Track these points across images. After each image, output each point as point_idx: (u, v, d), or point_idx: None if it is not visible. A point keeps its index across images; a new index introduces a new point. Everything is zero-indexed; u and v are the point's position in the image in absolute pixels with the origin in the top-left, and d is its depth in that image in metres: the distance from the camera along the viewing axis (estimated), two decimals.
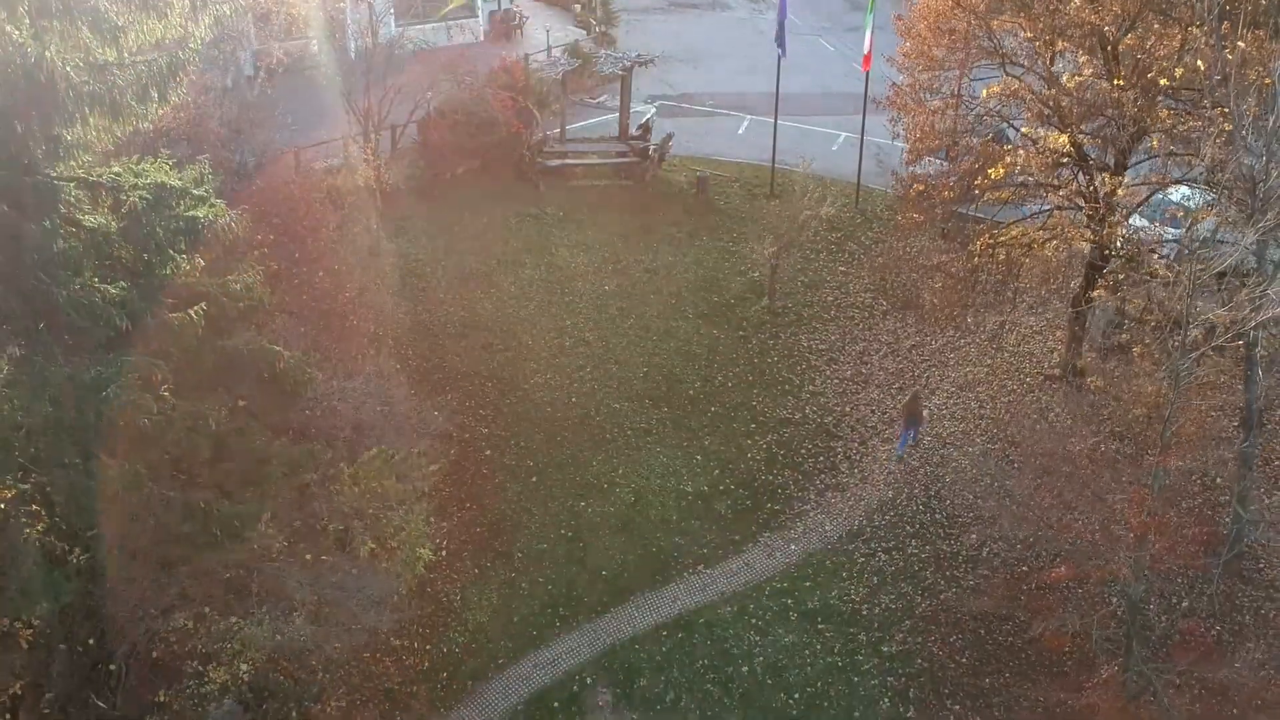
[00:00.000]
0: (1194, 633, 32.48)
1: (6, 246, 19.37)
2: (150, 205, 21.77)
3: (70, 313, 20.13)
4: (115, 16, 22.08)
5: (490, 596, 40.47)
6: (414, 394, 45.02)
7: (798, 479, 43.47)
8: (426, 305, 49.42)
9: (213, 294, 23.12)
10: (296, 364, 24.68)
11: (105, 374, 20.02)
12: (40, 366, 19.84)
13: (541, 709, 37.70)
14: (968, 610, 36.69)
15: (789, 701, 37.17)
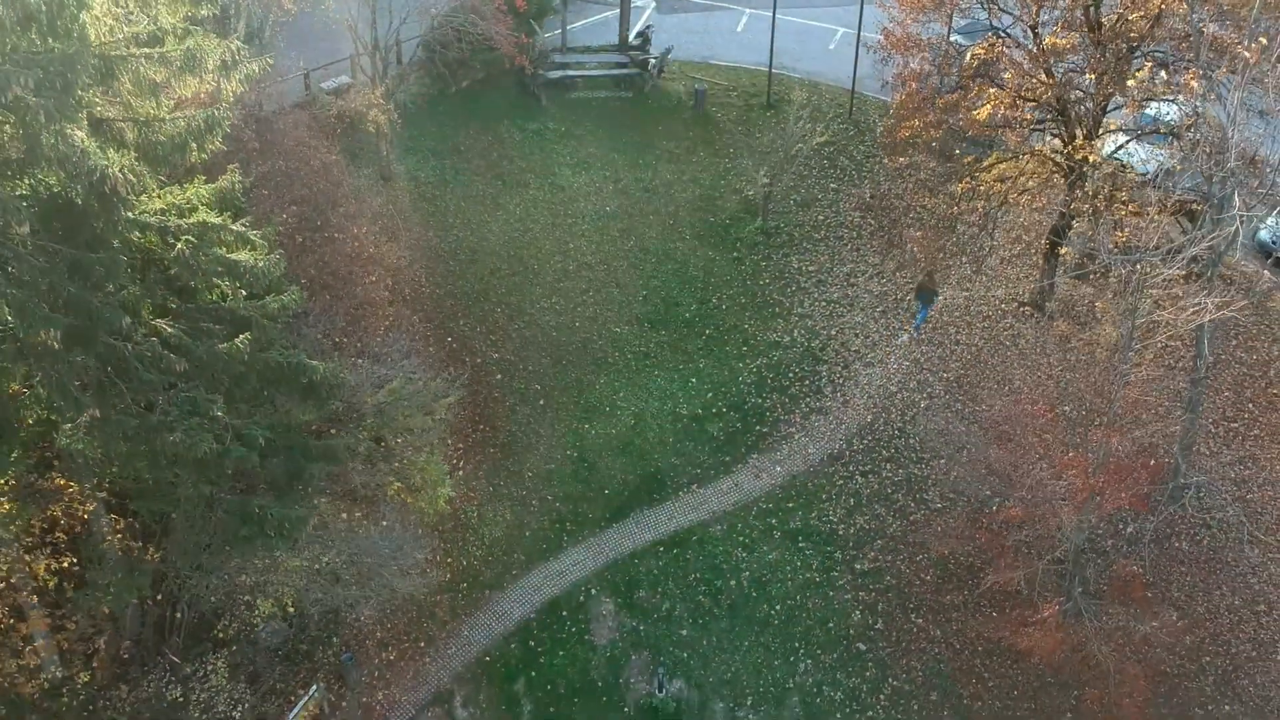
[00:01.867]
0: (1128, 574, 36.57)
1: (81, 318, 22.22)
2: (196, 249, 24.49)
3: (137, 365, 23.15)
4: (154, 75, 24.33)
5: (504, 514, 44.64)
6: (429, 323, 48.29)
7: (784, 402, 47.02)
8: (437, 230, 51.84)
9: (254, 319, 25.98)
10: (329, 373, 27.68)
11: (168, 419, 23.21)
12: (116, 421, 23.07)
13: (552, 616, 42.38)
14: (933, 545, 40.60)
15: (771, 612, 41.78)
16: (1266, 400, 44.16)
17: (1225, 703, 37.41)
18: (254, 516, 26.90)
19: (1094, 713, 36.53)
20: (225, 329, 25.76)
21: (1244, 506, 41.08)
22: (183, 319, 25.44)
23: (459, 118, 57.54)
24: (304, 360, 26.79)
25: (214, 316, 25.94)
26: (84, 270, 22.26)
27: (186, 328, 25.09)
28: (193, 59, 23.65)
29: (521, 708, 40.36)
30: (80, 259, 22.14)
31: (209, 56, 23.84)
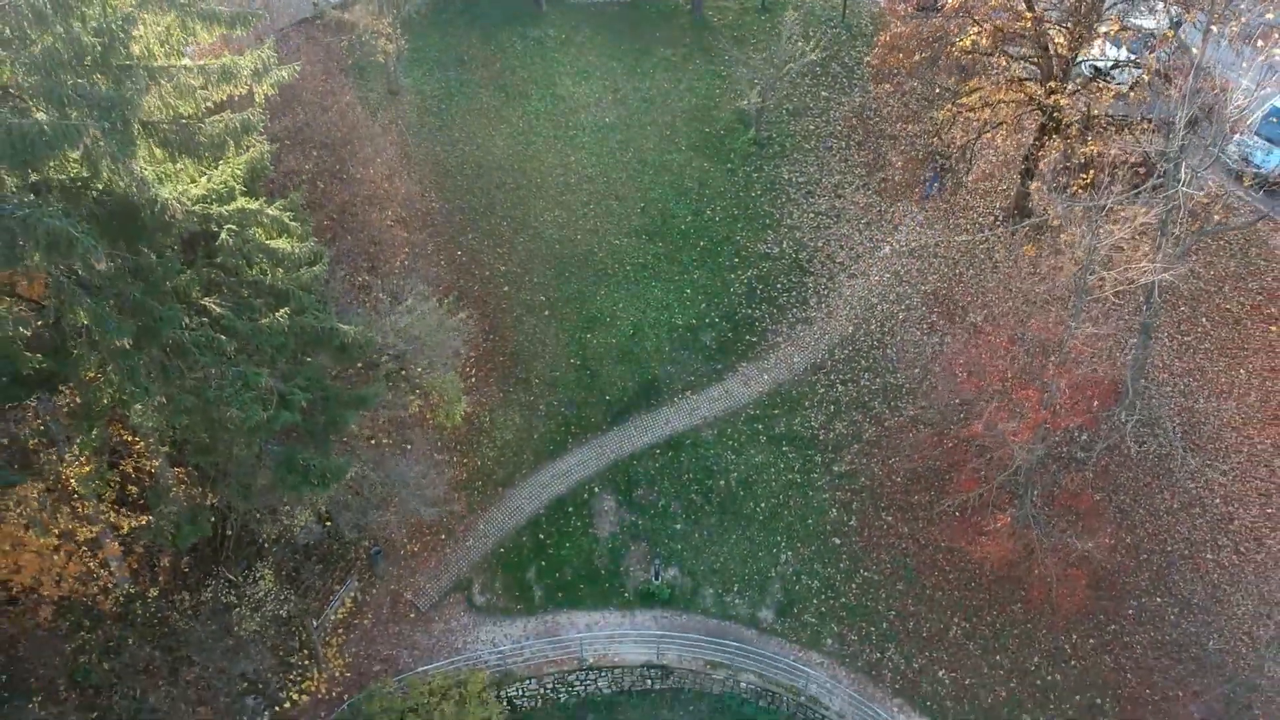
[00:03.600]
0: (1076, 485, 40.60)
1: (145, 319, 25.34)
2: (239, 235, 27.49)
3: (193, 349, 26.41)
4: (193, 82, 26.95)
5: (514, 417, 48.52)
6: (439, 238, 51.12)
7: (773, 313, 50.30)
8: (444, 145, 54.05)
9: (291, 290, 29.04)
10: (358, 335, 30.86)
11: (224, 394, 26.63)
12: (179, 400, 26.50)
13: (559, 511, 46.78)
14: (904, 452, 44.50)
15: (757, 509, 46.14)
16: (1219, 315, 47.37)
17: (1157, 595, 42.03)
18: (299, 467, 30.74)
19: (1040, 601, 41.23)
20: (265, 301, 28.99)
21: (1189, 416, 44.89)
22: (227, 293, 28.67)
23: (462, 27, 58.93)
24: (337, 325, 30.05)
25: (255, 290, 29.14)
26: (145, 272, 25.40)
27: (231, 303, 28.34)
28: (229, 72, 26.26)
29: (533, 593, 45.19)
30: (141, 263, 25.26)
31: (243, 70, 26.45)
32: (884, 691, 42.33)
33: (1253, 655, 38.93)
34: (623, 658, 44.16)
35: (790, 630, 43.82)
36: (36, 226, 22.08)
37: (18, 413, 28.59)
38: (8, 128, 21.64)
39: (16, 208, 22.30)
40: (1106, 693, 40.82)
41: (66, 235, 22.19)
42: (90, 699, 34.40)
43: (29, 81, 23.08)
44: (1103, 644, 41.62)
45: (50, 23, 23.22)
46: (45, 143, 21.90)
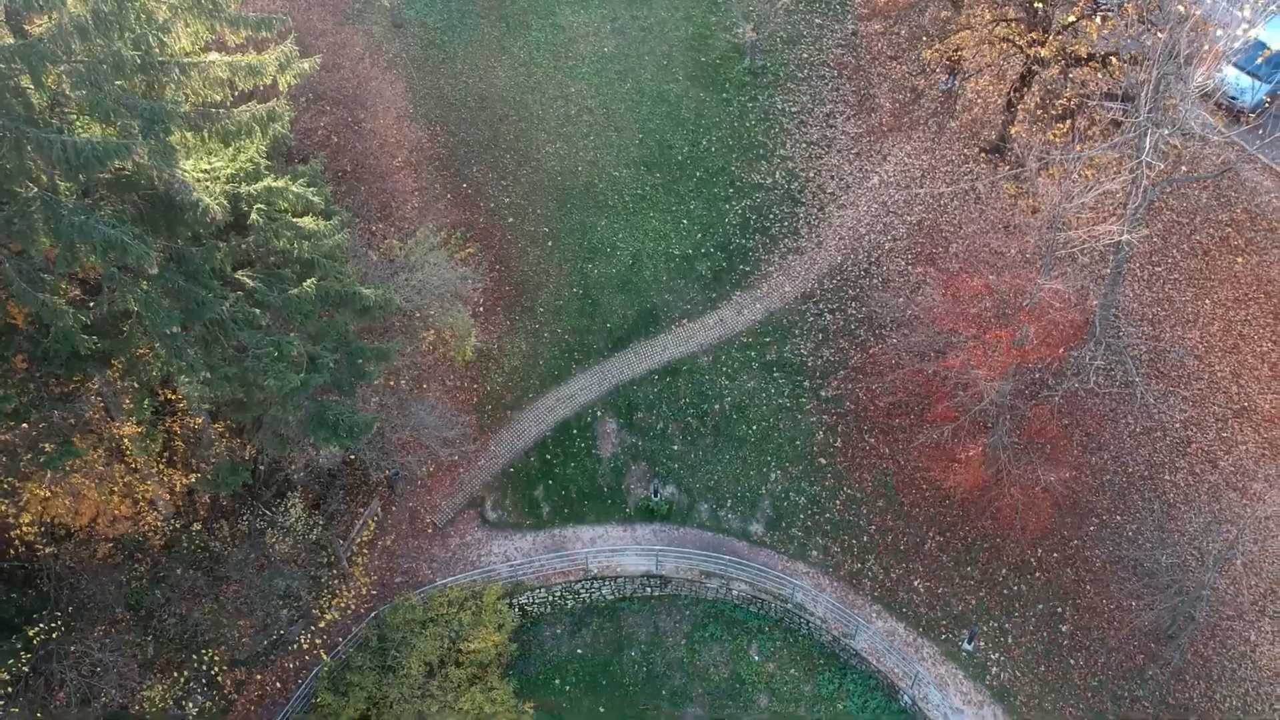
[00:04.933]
0: (1045, 415, 43.63)
1: (189, 303, 27.91)
2: (267, 214, 29.87)
3: (232, 324, 29.05)
4: (222, 74, 29.06)
5: (520, 345, 51.35)
6: (445, 171, 53.10)
7: (765, 243, 52.64)
8: (447, 77, 55.49)
9: (316, 259, 31.48)
10: (379, 298, 33.40)
11: (260, 364, 29.37)
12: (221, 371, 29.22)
13: (564, 434, 50.01)
14: (886, 387, 47.37)
15: (749, 432, 49.34)
16: (1189, 246, 49.76)
17: (1117, 514, 45.54)
18: (329, 422, 33.71)
19: (1008, 520, 44.72)
20: (293, 270, 31.54)
21: (1155, 345, 47.75)
22: (258, 264, 31.21)
23: None
24: (359, 290, 32.63)
25: (283, 259, 31.64)
26: (186, 260, 27.87)
27: (262, 275, 30.91)
28: (255, 69, 28.32)
29: (540, 509, 48.80)
30: (182, 251, 27.73)
31: (269, 66, 28.49)
32: (864, 599, 46.20)
33: (1200, 569, 42.46)
34: (624, 568, 47.99)
35: (779, 543, 47.47)
36: (93, 233, 24.56)
37: (79, 392, 31.52)
38: (63, 144, 23.93)
39: (73, 213, 24.73)
40: (1066, 602, 44.65)
41: (121, 242, 24.68)
42: (144, 620, 38.21)
43: (76, 94, 25.24)
44: (1065, 558, 45.29)
45: (92, 36, 25.28)
46: (97, 158, 24.22)
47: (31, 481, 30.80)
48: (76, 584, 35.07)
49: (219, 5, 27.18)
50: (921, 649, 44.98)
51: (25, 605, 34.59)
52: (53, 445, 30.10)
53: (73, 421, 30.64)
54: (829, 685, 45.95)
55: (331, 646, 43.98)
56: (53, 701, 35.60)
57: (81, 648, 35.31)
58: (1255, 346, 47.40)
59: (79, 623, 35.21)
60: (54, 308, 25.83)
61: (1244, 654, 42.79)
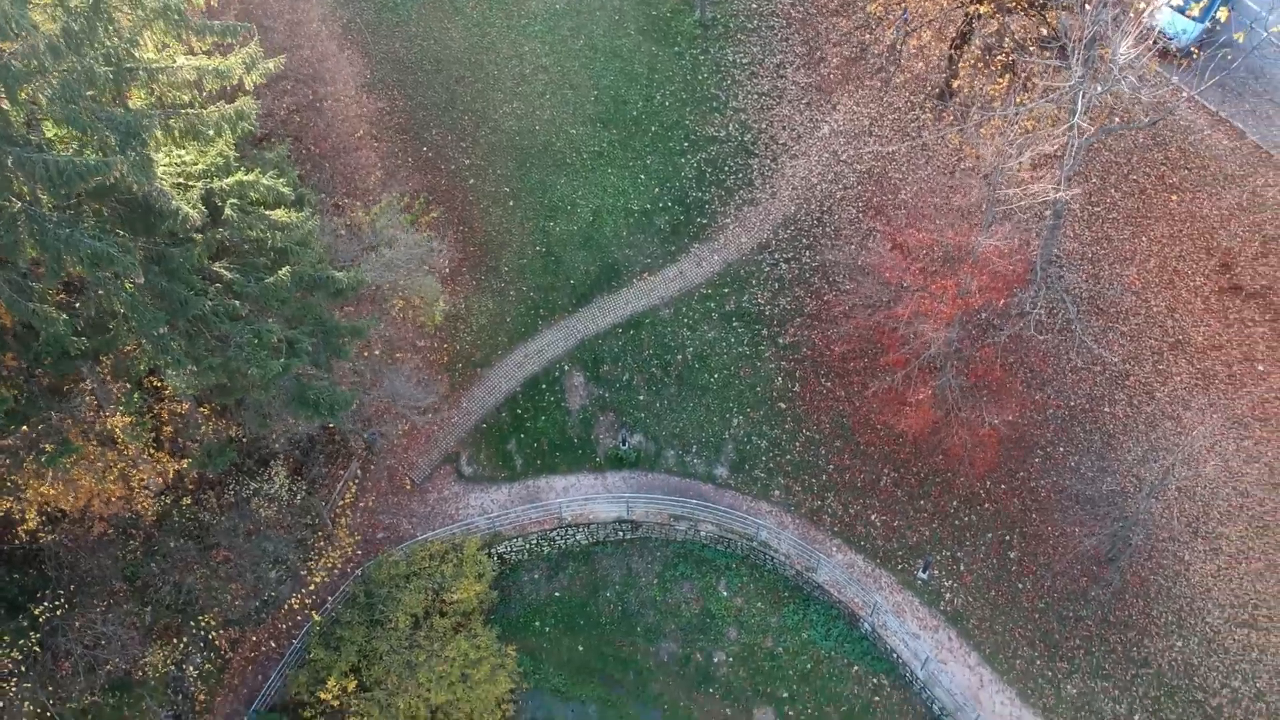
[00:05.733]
0: (989, 356, 45.84)
1: (173, 303, 29.16)
2: (241, 209, 31.08)
3: (213, 317, 30.39)
4: (189, 77, 30.08)
5: (487, 304, 52.85)
6: (405, 135, 53.98)
7: (721, 195, 54.11)
8: (402, 41, 56.03)
9: (289, 248, 32.76)
10: (351, 279, 34.73)
11: (243, 354, 30.82)
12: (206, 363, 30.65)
13: (533, 388, 51.82)
14: (841, 333, 49.36)
15: (711, 380, 51.35)
16: (1127, 186, 51.73)
17: (1060, 445, 48.13)
18: (310, 400, 35.31)
19: (958, 454, 47.20)
20: (267, 259, 32.86)
21: (1095, 283, 49.96)
22: (234, 254, 32.49)
23: None
24: (332, 274, 34.01)
25: (258, 248, 32.94)
26: (167, 259, 29.14)
27: (238, 265, 32.22)
28: (222, 73, 29.35)
29: (514, 462, 50.79)
30: (163, 251, 28.99)
31: (235, 69, 29.53)
32: (824, 534, 48.77)
33: (1138, 495, 45.18)
34: (596, 515, 50.24)
35: (743, 484, 49.83)
36: (79, 245, 25.81)
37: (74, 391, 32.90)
38: (45, 163, 25.05)
39: (58, 225, 25.94)
40: (1014, 530, 47.41)
41: (107, 254, 25.95)
42: (140, 591, 40.07)
43: (51, 109, 26.27)
44: (1012, 489, 47.96)
45: (65, 54, 26.27)
46: (79, 175, 25.37)
47: (34, 479, 32.41)
48: (75, 562, 36.84)
49: (184, 16, 28.11)
50: (879, 579, 47.69)
51: (27, 585, 36.34)
52: (52, 445, 31.64)
53: (70, 421, 32.16)
54: (794, 616, 48.67)
55: (321, 604, 46.11)
56: (59, 673, 37.55)
57: (84, 621, 37.20)
58: (1189, 281, 49.72)
59: (80, 598, 37.04)
60: (45, 315, 27.17)
61: (1178, 573, 45.78)
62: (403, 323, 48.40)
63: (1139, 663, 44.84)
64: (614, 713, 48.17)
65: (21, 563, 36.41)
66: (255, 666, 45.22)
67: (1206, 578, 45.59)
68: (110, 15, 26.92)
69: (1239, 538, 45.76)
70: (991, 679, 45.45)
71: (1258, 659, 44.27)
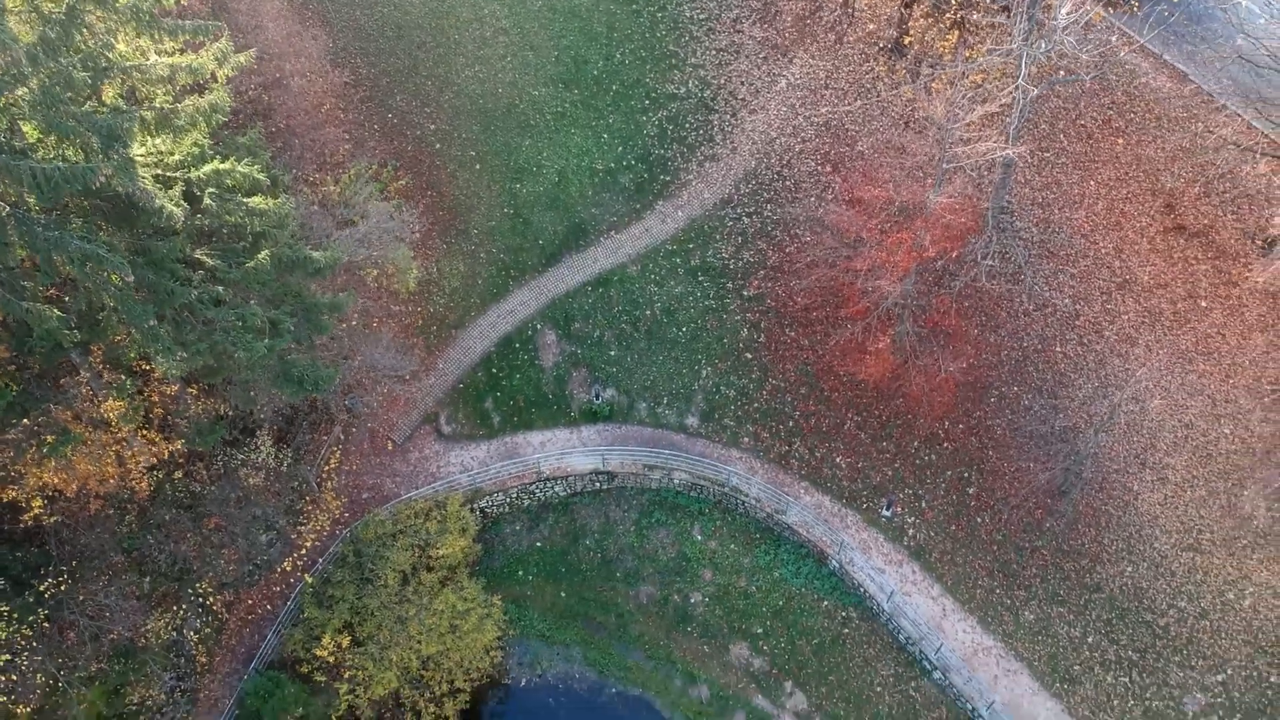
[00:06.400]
0: (945, 305, 47.70)
1: (160, 294, 30.36)
2: (219, 197, 32.20)
3: (199, 305, 31.58)
4: (163, 72, 31.05)
5: (458, 266, 54.10)
6: (370, 102, 54.70)
7: (683, 152, 55.31)
8: (363, 8, 56.42)
9: (267, 231, 33.88)
10: (328, 259, 35.89)
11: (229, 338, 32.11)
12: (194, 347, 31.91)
13: (507, 348, 53.36)
14: (803, 284, 51.02)
15: (679, 333, 53.03)
16: (1075, 131, 53.35)
17: (1014, 385, 50.25)
18: (294, 377, 36.70)
19: (918, 398, 49.29)
20: (246, 244, 34.06)
21: (1045, 227, 51.76)
22: (215, 240, 33.67)
23: None
24: (310, 254, 35.22)
25: (237, 234, 34.09)
26: (152, 251, 30.29)
27: (220, 251, 33.41)
28: (193, 69, 30.32)
29: (491, 419, 52.47)
30: (147, 245, 30.14)
31: (207, 66, 30.49)
32: (793, 477, 50.89)
33: (1089, 430, 47.46)
34: (573, 467, 52.14)
35: (713, 433, 51.77)
36: (68, 247, 26.96)
37: (70, 384, 34.11)
38: (32, 171, 26.12)
39: (46, 228, 27.06)
40: (972, 468, 49.68)
41: (96, 255, 27.14)
42: (137, 561, 41.72)
43: (34, 115, 27.25)
44: (970, 428, 50.15)
45: (42, 61, 27.22)
46: (66, 181, 26.44)
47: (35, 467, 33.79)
48: (75, 539, 38.36)
49: (155, 19, 29.00)
50: (846, 518, 49.95)
51: (30, 562, 37.87)
52: (53, 436, 32.99)
53: (69, 413, 33.48)
54: (765, 557, 50.96)
55: (311, 566, 47.92)
56: (65, 643, 39.27)
57: (86, 594, 38.85)
58: (1135, 222, 51.63)
59: (81, 572, 38.65)
60: (38, 313, 28.36)
61: (1127, 503, 48.27)
62: (378, 291, 49.64)
63: (1092, 588, 47.43)
64: (597, 654, 50.50)
65: (23, 541, 37.90)
66: (251, 627, 47.10)
67: (1154, 506, 48.08)
68: (84, 20, 27.81)
69: (1184, 467, 48.22)
70: (953, 608, 47.95)
71: (1202, 580, 46.94)
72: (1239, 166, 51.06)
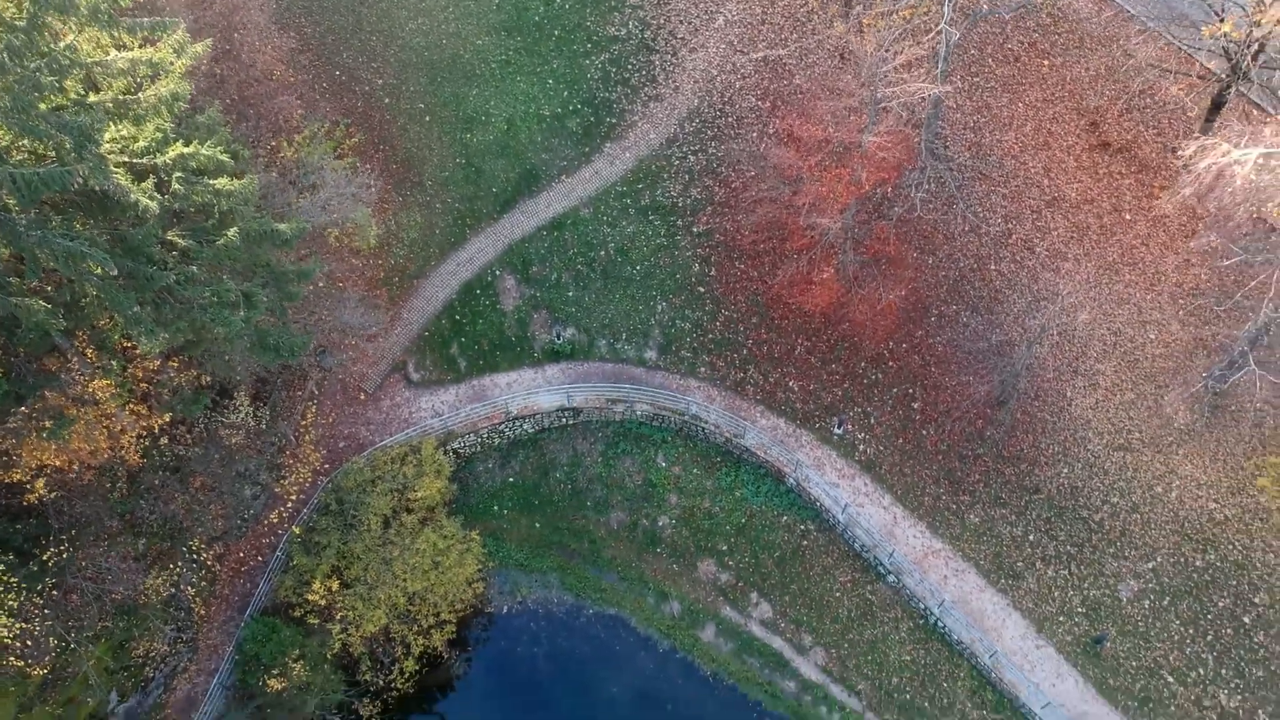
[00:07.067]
0: (884, 233, 50.05)
1: (140, 280, 31.94)
2: (186, 181, 33.69)
3: (173, 280, 33.25)
4: (123, 65, 32.35)
5: (415, 218, 55.67)
6: (318, 60, 55.57)
7: (627, 94, 56.75)
8: None
9: (234, 208, 35.34)
10: (294, 230, 37.41)
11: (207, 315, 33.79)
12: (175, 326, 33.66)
13: (469, 294, 55.27)
14: (748, 221, 53.07)
15: (634, 271, 55.13)
16: (1003, 56, 55.30)
17: (953, 303, 52.96)
18: (270, 345, 38.54)
19: (863, 322, 51.93)
20: (214, 222, 35.66)
21: (977, 150, 54.02)
22: (184, 220, 35.25)
23: None
24: (276, 227, 36.82)
25: (205, 213, 35.65)
26: (129, 240, 31.86)
27: (191, 230, 35.00)
28: (153, 63, 31.63)
29: (458, 364, 54.60)
30: (124, 234, 31.70)
31: (166, 58, 31.78)
32: (748, 402, 53.61)
33: (1023, 343, 50.40)
34: (540, 405, 54.52)
35: (671, 365, 54.25)
36: (52, 245, 28.56)
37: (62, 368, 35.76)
38: (13, 177, 27.59)
39: (28, 228, 28.61)
40: (916, 384, 52.59)
41: (80, 253, 28.76)
42: (131, 524, 43.89)
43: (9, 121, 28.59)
44: (912, 347, 52.93)
45: (9, 68, 28.51)
46: (45, 184, 27.93)
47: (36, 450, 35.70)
48: (71, 509, 40.41)
49: (114, 18, 30.20)
50: (800, 438, 52.85)
51: (30, 533, 39.94)
52: (51, 421, 34.83)
53: (63, 397, 35.26)
54: (726, 479, 53.87)
55: (296, 515, 50.30)
56: (69, 605, 41.59)
57: (86, 558, 41.06)
58: (1062, 141, 54.00)
59: (80, 539, 40.80)
60: (27, 308, 30.03)
61: (1061, 408, 51.46)
62: (339, 249, 51.24)
63: (1031, 490, 50.82)
64: (573, 579, 53.54)
65: (22, 514, 39.89)
66: (243, 578, 49.59)
67: (1086, 410, 51.31)
68: (46, 24, 29.05)
69: (1113, 372, 51.40)
70: (904, 516, 51.25)
71: (1132, 476, 50.42)
72: (1159, 83, 53.38)
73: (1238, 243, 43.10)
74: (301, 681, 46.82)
